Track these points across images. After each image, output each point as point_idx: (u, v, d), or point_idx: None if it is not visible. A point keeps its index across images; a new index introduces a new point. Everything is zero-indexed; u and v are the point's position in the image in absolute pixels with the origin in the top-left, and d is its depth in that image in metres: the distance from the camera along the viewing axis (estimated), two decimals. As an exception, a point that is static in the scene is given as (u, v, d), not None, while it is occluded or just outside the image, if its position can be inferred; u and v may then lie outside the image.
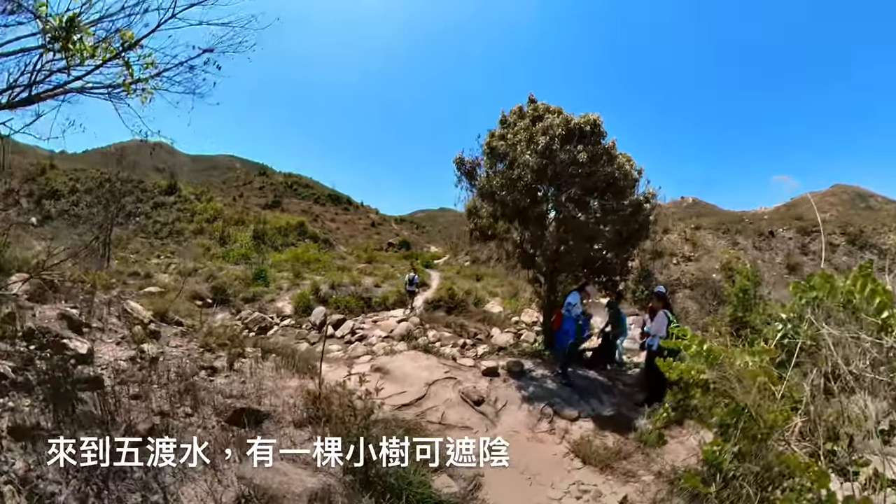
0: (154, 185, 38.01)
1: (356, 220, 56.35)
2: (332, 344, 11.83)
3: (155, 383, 5.70)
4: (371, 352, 10.77)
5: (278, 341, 12.26)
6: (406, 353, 8.66)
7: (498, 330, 15.18)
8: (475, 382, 7.01)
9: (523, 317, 17.22)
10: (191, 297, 18.09)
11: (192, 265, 22.37)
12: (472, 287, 19.37)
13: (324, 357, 10.65)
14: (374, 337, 12.47)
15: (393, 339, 12.76)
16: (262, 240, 30.07)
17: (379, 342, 12.11)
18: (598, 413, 6.93)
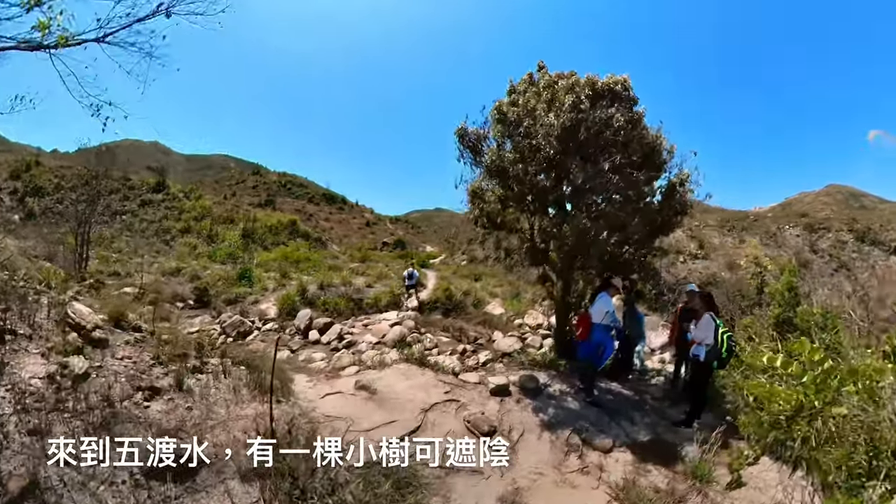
0: (142, 183, 36.49)
1: (350, 219, 54.89)
2: (316, 351, 10.48)
3: (69, 411, 4.33)
4: (359, 361, 9.40)
5: (257, 348, 10.89)
6: (398, 366, 7.32)
7: (500, 334, 13.90)
8: (483, 405, 5.68)
9: (527, 319, 15.94)
10: (171, 298, 16.72)
11: (176, 264, 20.92)
12: (470, 287, 18.08)
13: (304, 368, 9.34)
14: (364, 343, 11.11)
15: (385, 345, 11.41)
16: (252, 238, 28.62)
17: (369, 349, 10.75)
18: (634, 439, 5.64)
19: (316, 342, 11.29)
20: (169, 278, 19.24)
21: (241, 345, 11.24)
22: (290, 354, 10.12)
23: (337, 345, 11.05)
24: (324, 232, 41.19)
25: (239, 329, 11.59)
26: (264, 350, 10.61)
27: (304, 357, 9.99)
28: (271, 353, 10.07)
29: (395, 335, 11.72)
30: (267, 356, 9.19)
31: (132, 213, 32.63)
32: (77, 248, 19.39)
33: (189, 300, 16.73)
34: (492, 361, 11.79)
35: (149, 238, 29.51)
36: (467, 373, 7.52)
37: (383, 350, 11.00)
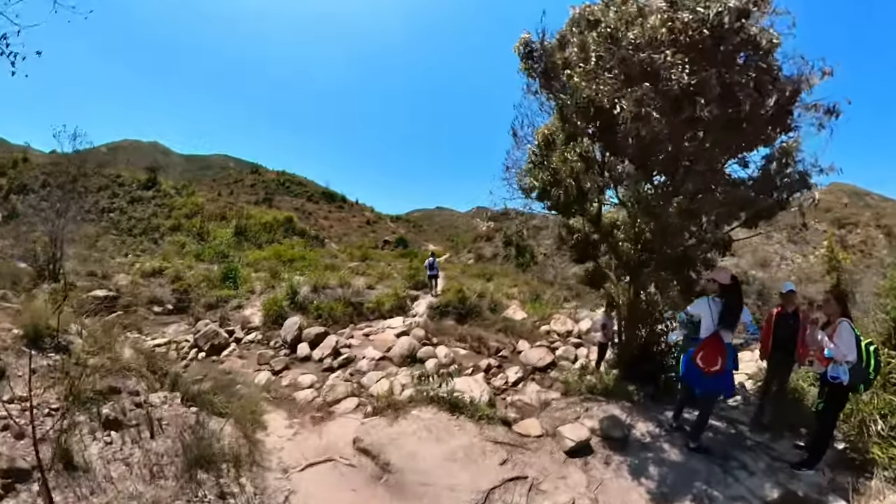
0: (132, 179, 34.19)
1: (350, 217, 52.60)
2: (304, 371, 8.29)
3: None
4: (360, 389, 7.23)
5: (231, 367, 8.65)
6: (420, 412, 5.04)
7: (526, 343, 11.64)
8: (562, 478, 3.57)
9: (554, 325, 13.71)
10: (147, 302, 14.51)
11: (158, 264, 18.64)
12: (484, 288, 15.78)
13: (286, 400, 7.08)
14: (365, 360, 8.91)
15: (391, 361, 9.20)
16: (245, 236, 26.39)
17: (371, 368, 8.56)
18: (764, 498, 4.12)
19: (305, 359, 9.07)
20: (149, 280, 17.02)
21: (213, 362, 9.01)
22: (270, 377, 7.89)
23: (331, 362, 8.84)
24: (323, 230, 38.93)
25: (213, 341, 9.37)
26: (238, 372, 8.42)
27: (289, 381, 7.77)
28: (246, 376, 7.90)
29: (403, 348, 9.50)
30: (237, 384, 6.98)
31: (120, 211, 30.40)
32: (51, 248, 17.33)
33: (168, 304, 14.53)
34: (523, 380, 9.65)
35: (136, 236, 27.27)
36: (524, 420, 5.25)
37: (389, 369, 8.79)
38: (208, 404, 5.47)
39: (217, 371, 8.18)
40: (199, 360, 9.12)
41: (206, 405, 5.47)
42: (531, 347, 11.28)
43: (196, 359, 9.17)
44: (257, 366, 8.65)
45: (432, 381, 6.41)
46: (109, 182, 33.95)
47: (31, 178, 34.22)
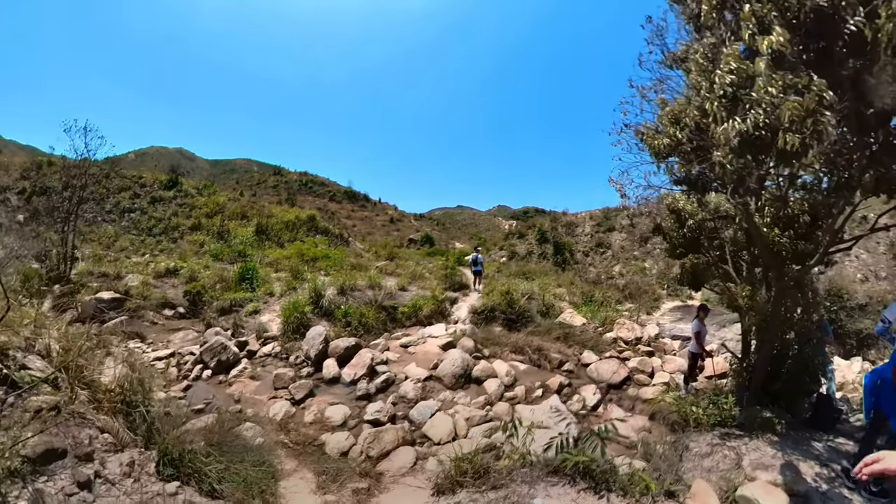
0: (153, 180, 33.05)
1: (374, 216, 50.95)
2: (333, 399, 6.44)
3: None
4: (412, 432, 5.38)
5: (240, 394, 6.75)
6: (530, 489, 2.99)
7: (593, 355, 9.57)
8: None
9: (619, 332, 11.52)
10: (157, 305, 12.84)
11: (174, 264, 17.03)
12: (529, 289, 13.63)
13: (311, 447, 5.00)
14: (409, 383, 6.98)
15: (441, 382, 7.26)
16: (267, 235, 24.73)
17: (418, 394, 6.65)
18: None
19: (333, 380, 7.15)
20: (162, 280, 15.41)
21: (220, 384, 7.15)
22: (290, 409, 5.99)
23: (367, 386, 6.89)
24: (346, 229, 37.25)
25: (220, 357, 7.50)
26: (248, 399, 6.53)
27: (315, 415, 5.89)
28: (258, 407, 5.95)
29: (455, 365, 7.51)
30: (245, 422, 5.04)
31: (141, 211, 29.19)
32: (62, 248, 15.34)
33: (179, 307, 12.84)
34: (602, 402, 7.57)
35: (156, 236, 25.91)
36: (693, 487, 3.27)
37: (441, 394, 6.81)
38: (196, 475, 3.53)
39: (222, 398, 6.32)
40: (203, 379, 7.28)
41: (192, 476, 3.53)
42: (599, 360, 9.30)
43: (200, 378, 7.32)
44: (273, 391, 6.75)
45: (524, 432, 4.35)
46: (131, 183, 32.89)
47: (55, 181, 33.38)
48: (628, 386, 8.53)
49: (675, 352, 10.67)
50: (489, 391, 7.14)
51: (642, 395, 7.98)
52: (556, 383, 7.90)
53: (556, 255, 22.72)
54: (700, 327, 7.68)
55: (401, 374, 7.37)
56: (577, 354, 9.70)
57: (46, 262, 15.98)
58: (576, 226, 26.29)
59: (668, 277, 20.24)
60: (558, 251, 22.84)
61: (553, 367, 9.03)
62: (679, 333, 11.91)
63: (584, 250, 24.10)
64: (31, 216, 31.26)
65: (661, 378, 8.78)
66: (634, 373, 8.96)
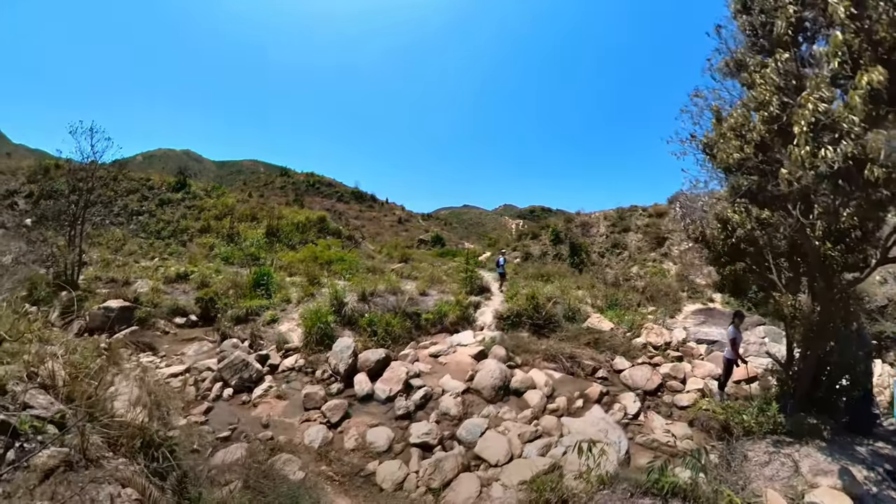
0: (161, 182, 32.56)
1: (381, 217, 50.37)
2: (373, 420, 5.97)
3: None
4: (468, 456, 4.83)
5: (268, 418, 6.15)
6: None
7: (625, 361, 9.06)
8: None
9: (648, 337, 10.91)
10: (168, 313, 12.26)
11: (184, 268, 16.50)
12: (552, 292, 12.99)
13: (359, 482, 4.36)
14: (448, 397, 6.46)
15: (480, 395, 6.70)
16: (277, 237, 24.19)
17: (459, 409, 6.13)
18: None
19: (367, 398, 6.58)
20: (172, 286, 14.86)
21: (244, 405, 6.54)
22: (327, 434, 5.42)
23: (405, 404, 6.33)
24: (355, 230, 36.67)
25: (242, 374, 6.88)
26: (278, 423, 5.93)
27: (356, 440, 5.40)
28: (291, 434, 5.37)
29: (493, 377, 6.97)
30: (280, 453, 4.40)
31: (149, 214, 28.69)
32: (69, 253, 14.92)
33: (191, 315, 12.25)
34: (642, 410, 7.08)
35: (165, 239, 25.39)
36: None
37: (484, 409, 6.24)
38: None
39: (249, 421, 5.73)
40: (224, 399, 6.67)
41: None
42: (632, 366, 8.83)
43: (220, 397, 6.72)
44: (304, 412, 6.17)
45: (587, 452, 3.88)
46: (139, 185, 32.42)
47: (63, 184, 32.94)
48: (663, 392, 8.10)
49: (702, 356, 10.21)
50: (532, 404, 6.62)
51: (678, 401, 7.66)
52: (595, 392, 7.39)
53: (572, 256, 22.05)
54: (736, 334, 7.51)
55: (437, 387, 6.78)
56: (608, 360, 9.24)
57: (53, 267, 15.45)
58: (590, 226, 25.61)
59: (687, 279, 19.62)
60: (574, 252, 22.16)
61: (586, 375, 8.58)
62: (704, 337, 11.44)
63: (599, 251, 23.42)
64: (39, 220, 30.86)
65: (694, 384, 8.36)
66: (667, 379, 8.64)
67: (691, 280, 19.39)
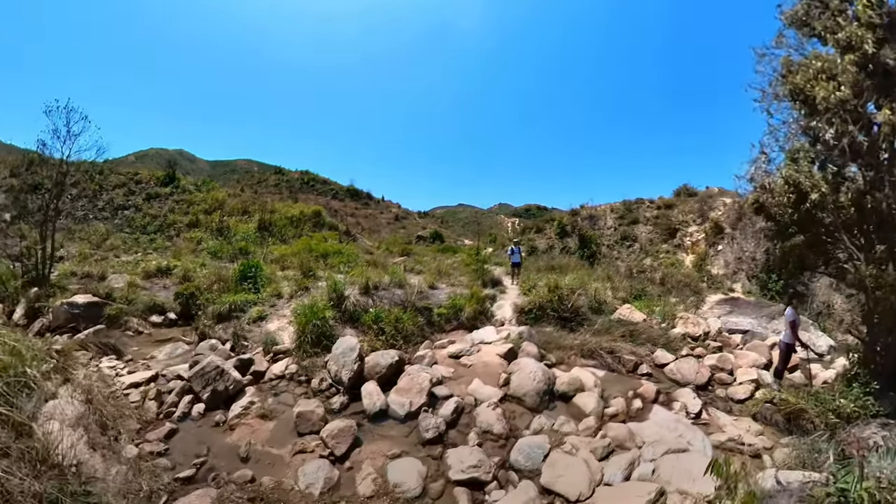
0: (150, 177, 30.67)
1: (378, 214, 48.66)
2: (394, 452, 4.44)
3: None
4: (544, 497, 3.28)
5: (250, 443, 4.59)
6: None
7: (667, 354, 7.74)
8: None
9: (684, 327, 9.68)
10: (146, 310, 10.64)
11: (166, 262, 14.82)
12: (573, 284, 11.51)
13: None
14: (486, 409, 5.08)
15: (521, 403, 5.36)
16: (270, 231, 22.51)
17: (503, 424, 4.69)
18: None
19: (381, 415, 5.08)
20: (152, 281, 13.20)
21: (217, 426, 4.98)
22: (330, 474, 3.96)
23: (434, 423, 4.85)
24: (351, 227, 34.99)
25: (216, 386, 5.30)
26: (263, 458, 4.35)
27: (373, 483, 3.99)
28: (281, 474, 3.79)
29: (535, 379, 5.58)
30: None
31: (135, 208, 26.83)
32: (41, 247, 13.40)
33: (170, 312, 10.63)
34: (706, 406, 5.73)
35: (151, 234, 23.58)
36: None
37: (533, 421, 4.79)
38: None
39: (222, 451, 4.19)
40: (193, 417, 5.10)
41: None
42: (676, 359, 7.46)
43: (188, 415, 5.15)
44: (297, 439, 4.59)
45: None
46: (126, 180, 30.54)
47: (46, 179, 30.96)
48: (714, 386, 6.96)
49: (740, 346, 9.22)
50: (587, 410, 5.24)
51: (733, 395, 6.62)
52: (650, 391, 6.07)
53: (581, 248, 20.60)
54: (795, 315, 6.71)
55: (466, 396, 5.30)
56: (649, 354, 7.92)
57: (24, 262, 13.90)
58: (597, 218, 24.21)
59: (703, 269, 18.32)
60: (584, 245, 20.71)
61: (628, 371, 7.28)
62: (735, 327, 10.48)
63: (608, 244, 22.03)
64: (19, 215, 28.86)
65: (745, 375, 7.17)
66: (715, 371, 7.35)
67: (707, 270, 18.09)
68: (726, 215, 20.42)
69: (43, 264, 13.73)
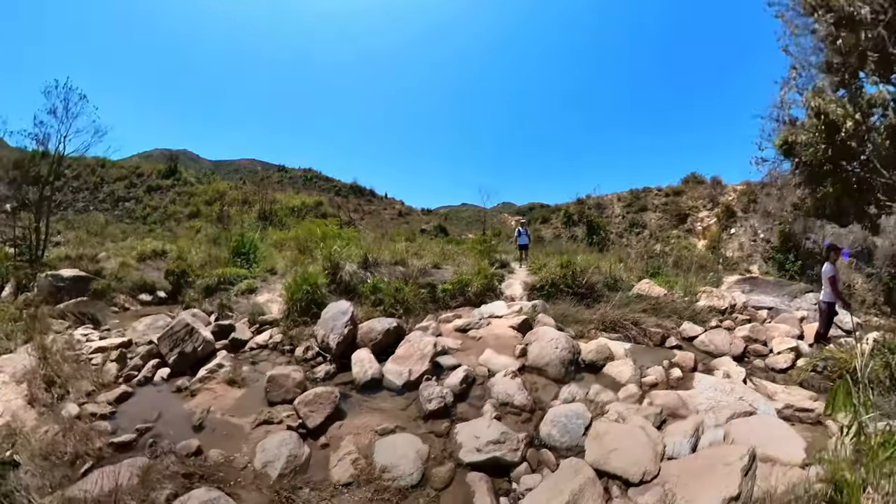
0: (152, 171, 30.20)
1: (381, 210, 47.92)
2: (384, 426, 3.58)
3: None
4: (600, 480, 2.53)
5: (210, 410, 3.87)
6: None
7: (695, 326, 7.05)
8: None
9: (709, 300, 9.08)
10: (136, 288, 10.03)
11: (161, 245, 14.24)
12: (585, 263, 10.81)
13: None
14: (503, 378, 4.14)
15: (542, 374, 4.59)
16: (271, 221, 21.87)
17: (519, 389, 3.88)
18: None
19: (373, 385, 4.35)
20: (146, 263, 12.62)
21: (178, 391, 4.27)
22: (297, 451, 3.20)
23: (438, 391, 4.03)
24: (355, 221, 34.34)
25: (183, 348, 4.61)
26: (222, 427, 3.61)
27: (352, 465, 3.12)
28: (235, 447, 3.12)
29: (556, 346, 4.89)
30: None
31: (136, 200, 26.36)
32: (34, 231, 13.65)
33: (160, 291, 10.00)
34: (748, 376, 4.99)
35: (151, 224, 23.03)
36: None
37: (560, 392, 4.04)
38: None
39: (178, 418, 3.51)
40: (155, 383, 4.42)
41: None
42: (705, 331, 6.79)
43: (151, 380, 4.47)
44: (267, 408, 3.84)
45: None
46: (128, 173, 30.07)
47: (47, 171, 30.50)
48: (750, 357, 6.36)
49: (767, 321, 8.61)
50: (623, 379, 4.52)
51: (773, 364, 6.00)
52: (687, 359, 5.40)
53: (590, 235, 19.83)
54: (833, 271, 6.01)
55: (477, 367, 4.55)
56: (674, 327, 7.24)
57: (19, 246, 13.54)
58: (604, 207, 23.43)
59: (717, 251, 17.56)
60: (593, 232, 19.94)
61: (655, 343, 6.60)
62: (757, 304, 9.93)
63: (617, 231, 21.25)
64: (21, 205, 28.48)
65: (782, 344, 6.46)
66: (749, 342, 6.70)
67: (721, 253, 17.32)
68: (738, 199, 19.64)
69: (36, 246, 13.67)
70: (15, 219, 18.68)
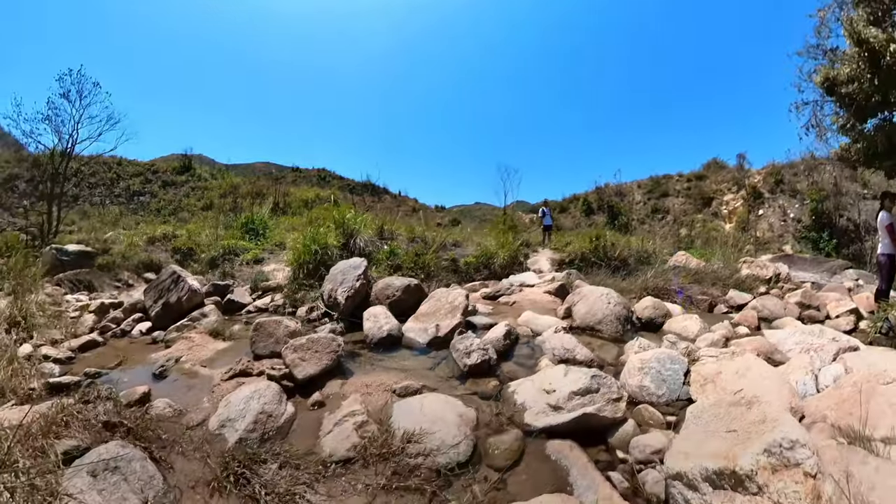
0: (167, 168, 30.17)
1: (395, 207, 47.39)
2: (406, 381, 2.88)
3: None
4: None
5: (174, 360, 3.12)
6: None
7: (743, 294, 6.35)
8: None
9: (750, 269, 8.38)
10: (140, 266, 9.53)
11: (171, 229, 13.77)
12: (613, 239, 10.10)
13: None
14: (553, 335, 3.31)
15: (594, 334, 3.83)
16: (284, 212, 21.42)
17: (573, 343, 3.06)
18: None
19: (388, 343, 3.60)
20: (155, 245, 12.16)
21: (154, 342, 3.56)
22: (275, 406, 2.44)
23: (479, 346, 3.18)
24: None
25: (168, 298, 3.93)
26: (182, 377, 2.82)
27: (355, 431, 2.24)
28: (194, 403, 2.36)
29: (608, 302, 4.12)
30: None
31: (151, 195, 26.23)
32: (45, 216, 14.14)
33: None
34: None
35: (165, 216, 22.79)
36: None
37: (632, 344, 3.28)
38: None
39: (135, 370, 2.83)
40: (131, 336, 3.76)
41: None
42: (754, 297, 6.06)
43: (128, 333, 3.82)
44: (246, 362, 3.04)
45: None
46: (143, 169, 30.05)
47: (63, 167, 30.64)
48: (806, 322, 5.69)
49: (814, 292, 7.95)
50: (691, 334, 3.75)
51: (835, 327, 5.23)
52: (750, 318, 4.94)
53: (612, 220, 18.94)
54: (891, 219, 5.39)
55: (518, 327, 3.77)
56: (720, 294, 6.50)
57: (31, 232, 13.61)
58: (624, 195, 22.48)
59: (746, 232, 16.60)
60: (614, 217, 19.04)
61: (702, 310, 5.84)
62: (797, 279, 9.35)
63: (638, 217, 20.31)
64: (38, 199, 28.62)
65: (840, 307, 5.79)
66: (802, 308, 5.97)
67: (751, 233, 16.34)
68: (764, 181, 18.59)
69: (48, 230, 13.36)
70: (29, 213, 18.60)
